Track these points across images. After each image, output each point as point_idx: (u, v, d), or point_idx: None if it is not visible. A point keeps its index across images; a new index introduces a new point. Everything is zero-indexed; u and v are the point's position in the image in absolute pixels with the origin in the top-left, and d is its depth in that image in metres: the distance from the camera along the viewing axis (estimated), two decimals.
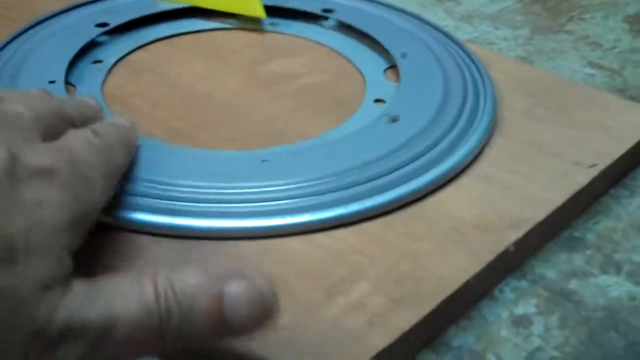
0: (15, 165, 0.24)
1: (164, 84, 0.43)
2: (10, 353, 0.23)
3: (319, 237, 0.32)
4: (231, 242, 0.31)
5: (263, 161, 0.35)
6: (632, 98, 0.45)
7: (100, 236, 0.31)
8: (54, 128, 0.29)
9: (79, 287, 0.24)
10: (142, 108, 0.41)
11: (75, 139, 0.28)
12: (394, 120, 0.37)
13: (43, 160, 0.25)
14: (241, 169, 0.34)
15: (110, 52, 0.45)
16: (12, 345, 0.22)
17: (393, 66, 0.43)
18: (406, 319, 0.28)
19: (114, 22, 0.47)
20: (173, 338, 0.24)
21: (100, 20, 0.46)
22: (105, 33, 0.46)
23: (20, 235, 0.23)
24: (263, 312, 0.25)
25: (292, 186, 0.33)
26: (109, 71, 0.44)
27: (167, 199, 0.32)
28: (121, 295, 0.24)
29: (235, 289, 0.25)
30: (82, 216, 0.26)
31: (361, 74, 0.44)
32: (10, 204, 0.23)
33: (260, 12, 0.47)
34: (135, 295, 0.24)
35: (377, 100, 0.41)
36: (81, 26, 0.46)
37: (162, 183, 0.33)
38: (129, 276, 0.25)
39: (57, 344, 0.23)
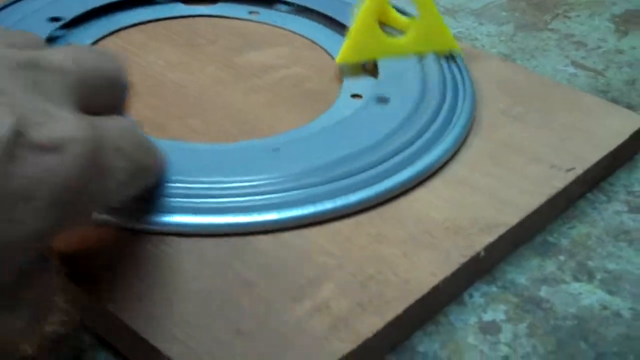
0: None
1: (135, 72, 0.42)
2: None
3: (288, 235, 0.31)
4: (193, 239, 0.31)
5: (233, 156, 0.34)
6: (614, 99, 0.44)
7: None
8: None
9: None
10: None
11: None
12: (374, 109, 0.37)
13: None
14: (211, 162, 0.33)
15: (83, 37, 0.44)
16: None
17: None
18: (371, 324, 0.27)
19: (90, 4, 0.45)
20: None
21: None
22: (78, 16, 0.45)
23: None
24: None
25: (260, 182, 0.32)
26: None
27: None
28: None
29: None
30: None
31: (340, 67, 0.43)
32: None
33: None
34: None
35: (354, 96, 0.40)
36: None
37: None
38: None
39: None
